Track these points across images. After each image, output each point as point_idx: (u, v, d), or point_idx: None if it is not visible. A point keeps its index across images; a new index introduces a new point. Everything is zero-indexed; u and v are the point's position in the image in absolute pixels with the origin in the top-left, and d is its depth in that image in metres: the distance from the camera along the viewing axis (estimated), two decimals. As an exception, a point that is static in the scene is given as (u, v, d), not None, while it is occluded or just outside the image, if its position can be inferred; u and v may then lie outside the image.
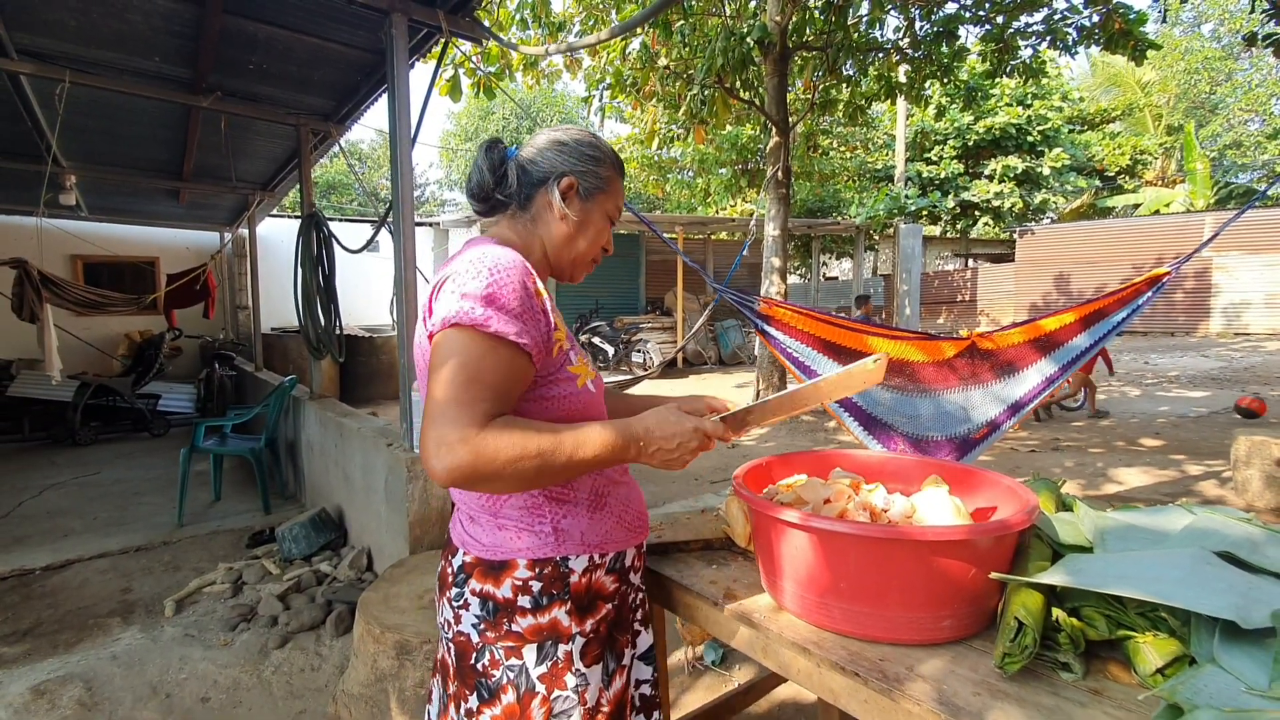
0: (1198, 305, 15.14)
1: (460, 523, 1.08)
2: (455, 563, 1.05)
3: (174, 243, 9.57)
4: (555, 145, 1.10)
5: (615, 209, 1.14)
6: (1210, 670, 0.74)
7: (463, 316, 0.91)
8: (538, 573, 1.00)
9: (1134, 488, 4.53)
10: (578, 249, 1.12)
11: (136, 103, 4.17)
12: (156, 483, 5.08)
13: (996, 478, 1.15)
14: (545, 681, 0.99)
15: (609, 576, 1.07)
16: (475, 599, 1.01)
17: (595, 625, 1.03)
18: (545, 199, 1.09)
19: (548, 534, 1.01)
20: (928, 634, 0.96)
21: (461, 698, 1.02)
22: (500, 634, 0.99)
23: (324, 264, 4.12)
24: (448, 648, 1.06)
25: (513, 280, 0.95)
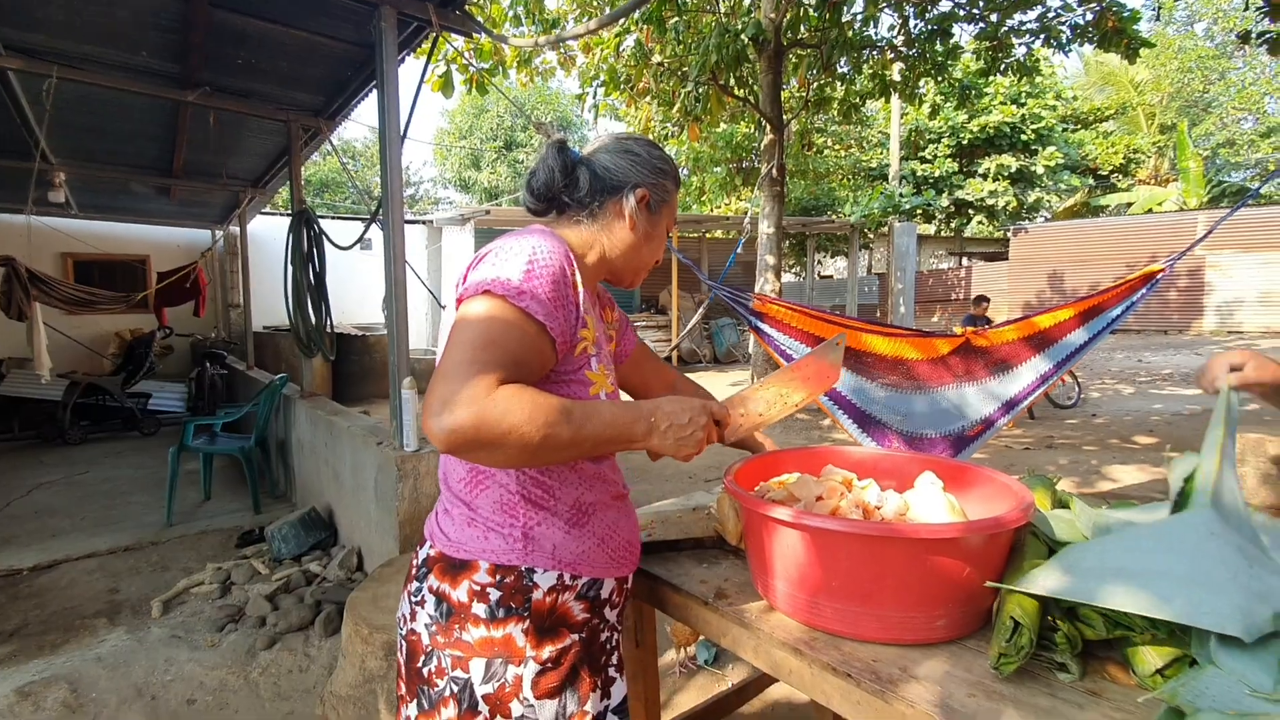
0: (1191, 303, 15.20)
1: (436, 514, 1.03)
2: (421, 555, 1.01)
3: (165, 240, 9.50)
4: (628, 155, 1.09)
5: (673, 222, 1.15)
6: (1212, 672, 0.72)
7: (495, 285, 0.89)
8: (498, 580, 0.93)
9: (1128, 485, 4.53)
10: (641, 258, 1.12)
11: (125, 98, 4.12)
12: (146, 482, 5.04)
13: (991, 474, 1.13)
14: (489, 703, 0.91)
15: (579, 603, 0.98)
16: (431, 596, 0.96)
17: (556, 655, 0.94)
18: (618, 207, 1.07)
19: (516, 539, 0.95)
20: (922, 634, 0.94)
21: (404, 702, 0.98)
22: (450, 640, 0.93)
23: (315, 261, 4.08)
24: (400, 644, 1.01)
25: (553, 266, 0.93)
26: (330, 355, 4.22)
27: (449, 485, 1.01)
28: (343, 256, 4.49)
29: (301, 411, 4.23)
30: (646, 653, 1.43)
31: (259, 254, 8.61)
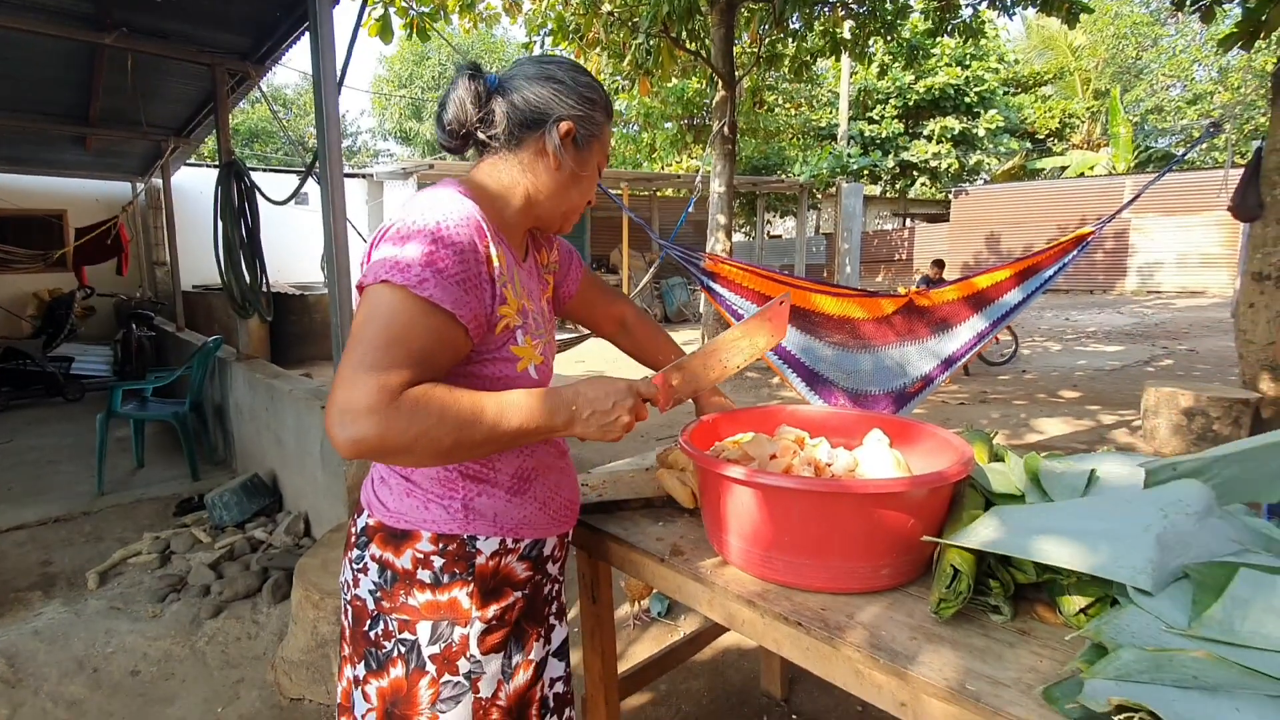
0: (1116, 264, 16.01)
1: (372, 481, 1.01)
2: (360, 523, 0.99)
3: (82, 194, 8.83)
4: (550, 82, 0.96)
5: (604, 159, 1.04)
6: (1132, 611, 0.78)
7: (395, 273, 0.81)
8: (441, 548, 0.93)
9: (1054, 436, 4.81)
10: (570, 200, 1.02)
11: (35, 41, 3.76)
12: (73, 450, 4.78)
13: (934, 430, 1.18)
14: (436, 663, 0.93)
15: (521, 564, 1.00)
16: (374, 564, 0.95)
17: (500, 612, 0.96)
18: (540, 144, 0.96)
19: (457, 510, 0.94)
20: (867, 582, 0.99)
21: (352, 663, 0.99)
22: (396, 605, 0.94)
23: (247, 217, 3.86)
24: (344, 607, 1.01)
25: (460, 240, 0.85)
26: (267, 316, 4.04)
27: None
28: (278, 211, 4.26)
29: (239, 375, 4.06)
30: (602, 608, 1.46)
31: (185, 208, 8.10)
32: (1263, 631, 0.73)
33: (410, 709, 0.93)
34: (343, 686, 1.02)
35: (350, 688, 0.99)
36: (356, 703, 0.97)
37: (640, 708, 2.03)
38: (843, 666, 0.92)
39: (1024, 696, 0.76)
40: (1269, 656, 0.69)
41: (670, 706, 2.04)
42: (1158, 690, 0.67)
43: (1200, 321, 10.77)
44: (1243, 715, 0.64)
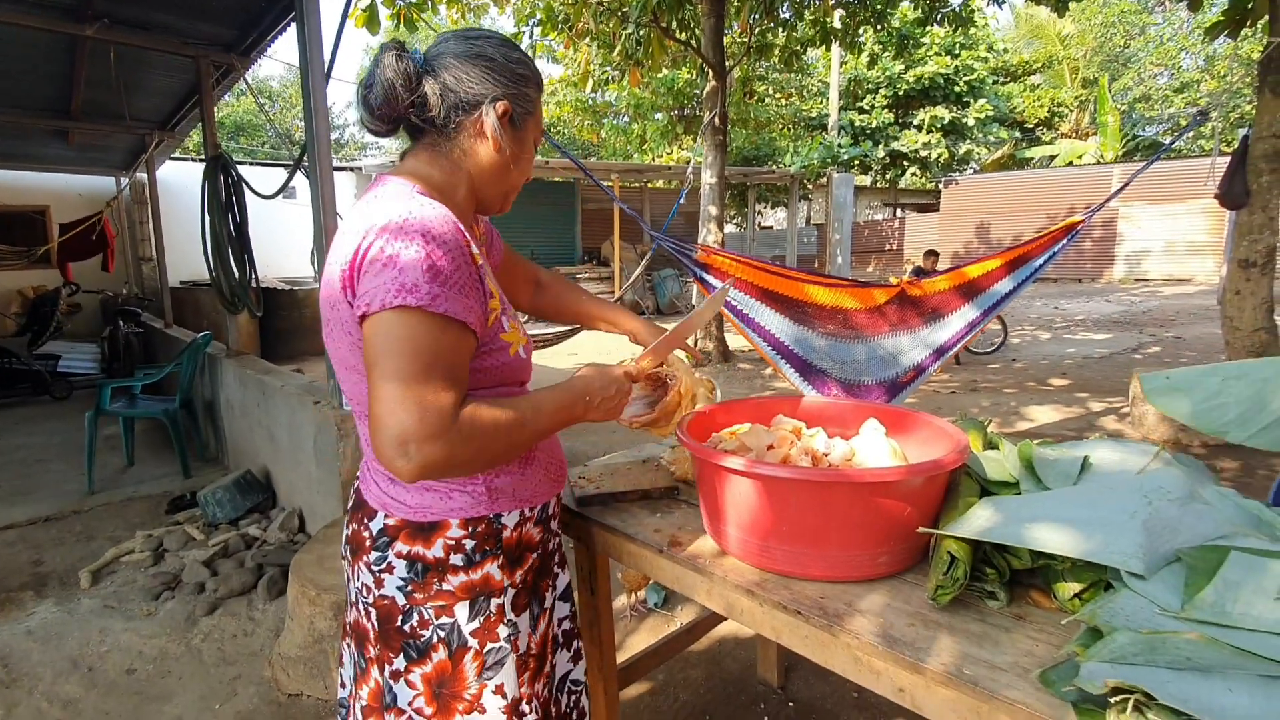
0: (1103, 253, 16.11)
1: (376, 484, 1.00)
2: (374, 526, 0.98)
3: (65, 189, 8.70)
4: (481, 60, 0.93)
5: (540, 134, 1.04)
6: (1126, 594, 0.79)
7: (405, 296, 0.80)
8: (471, 531, 0.97)
9: (1043, 424, 4.86)
10: (509, 181, 1.02)
11: (14, 32, 3.69)
12: (62, 449, 4.74)
13: (929, 419, 1.19)
14: (478, 636, 0.98)
15: (536, 527, 1.07)
16: (401, 561, 0.96)
17: (524, 575, 1.03)
18: (477, 126, 0.95)
19: (481, 494, 0.98)
20: (865, 571, 0.99)
21: (386, 660, 0.99)
22: (430, 594, 0.96)
23: (235, 211, 3.82)
24: (365, 612, 1.01)
25: (452, 249, 0.85)
26: (257, 311, 4.00)
27: None
28: (265, 206, 4.22)
29: (229, 371, 4.03)
30: (601, 599, 1.47)
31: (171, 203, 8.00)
32: (1253, 613, 0.74)
33: (458, 685, 0.97)
34: (370, 688, 1.02)
35: (382, 688, 1.00)
36: (400, 694, 0.98)
37: (639, 697, 2.04)
38: (841, 654, 0.93)
39: (1021, 680, 0.77)
40: (1259, 637, 0.71)
41: (668, 695, 2.05)
42: (1152, 672, 0.68)
43: (1187, 309, 10.87)
44: (1235, 695, 0.65)
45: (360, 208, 0.91)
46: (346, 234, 0.89)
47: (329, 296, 0.92)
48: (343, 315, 0.89)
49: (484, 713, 0.98)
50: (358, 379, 0.92)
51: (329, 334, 0.95)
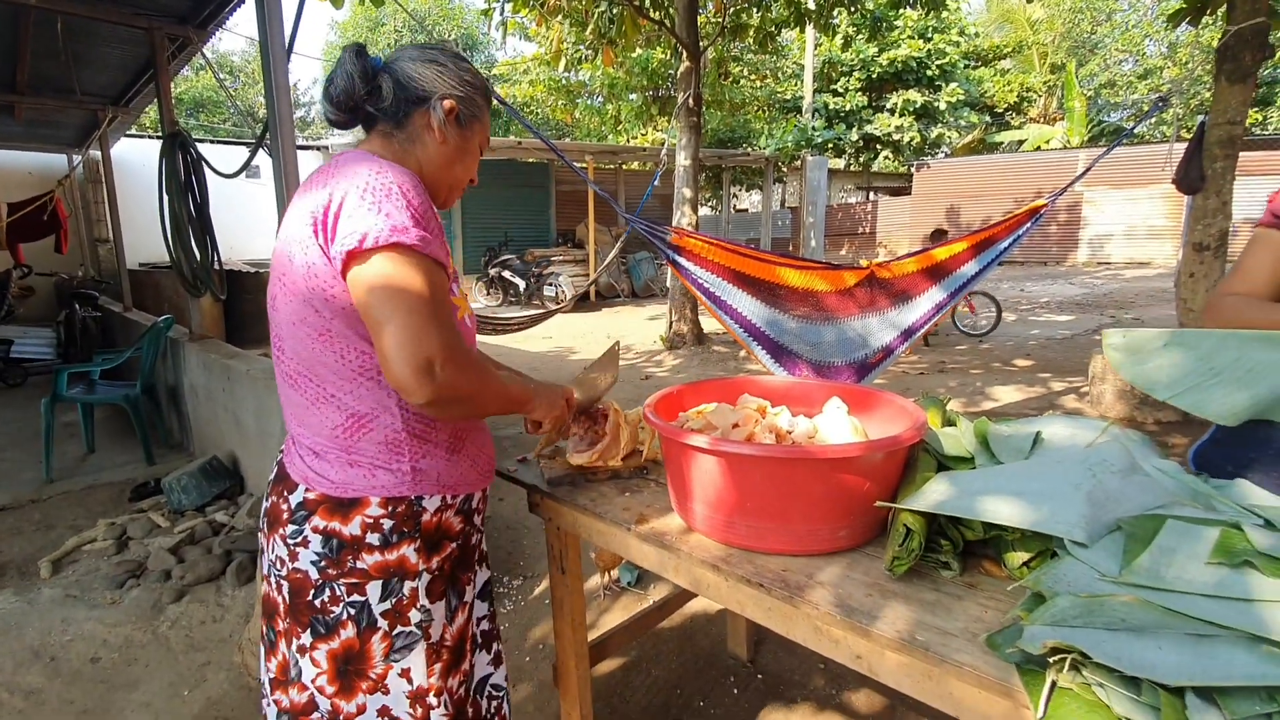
0: (1068, 237, 16.47)
1: (300, 457, 1.03)
2: (293, 499, 1.01)
3: (13, 166, 8.36)
4: (434, 64, 1.04)
5: (485, 140, 1.13)
6: (1069, 561, 0.83)
7: (401, 234, 0.88)
8: (390, 510, 0.99)
9: (1007, 403, 4.99)
10: (454, 175, 1.09)
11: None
12: (17, 436, 4.59)
13: (890, 397, 1.22)
14: (388, 618, 0.99)
15: (457, 517, 1.08)
16: (317, 536, 0.98)
17: (441, 563, 1.04)
18: (424, 119, 1.03)
19: (405, 473, 1.00)
20: (826, 544, 1.02)
21: (294, 634, 1.01)
22: (342, 571, 0.98)
23: (194, 191, 3.71)
24: (276, 585, 1.03)
25: (423, 200, 0.93)
26: (221, 294, 3.91)
27: (320, 432, 1.00)
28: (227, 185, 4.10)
29: (193, 355, 3.94)
30: (571, 578, 1.49)
31: (127, 182, 7.75)
32: (1185, 577, 0.78)
33: (365, 664, 0.99)
34: (278, 660, 1.05)
35: (288, 661, 1.03)
36: (304, 669, 1.01)
37: (611, 673, 2.08)
38: (803, 624, 0.96)
39: (970, 644, 0.80)
40: (1189, 599, 0.75)
41: (641, 671, 2.09)
42: (1089, 633, 0.72)
43: (1146, 291, 11.19)
44: (1164, 652, 0.69)
45: (323, 171, 0.96)
46: (313, 189, 0.93)
47: (286, 247, 0.95)
48: (306, 261, 0.92)
49: (387, 694, 1.00)
50: (306, 333, 0.95)
51: (281, 288, 0.96)
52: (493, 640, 1.22)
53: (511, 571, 2.75)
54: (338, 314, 0.94)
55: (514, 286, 11.25)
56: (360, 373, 0.97)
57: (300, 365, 0.98)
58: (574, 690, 1.55)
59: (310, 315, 0.94)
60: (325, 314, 0.94)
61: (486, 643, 1.20)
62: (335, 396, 0.98)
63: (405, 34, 24.45)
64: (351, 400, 0.98)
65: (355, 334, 0.95)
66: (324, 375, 0.97)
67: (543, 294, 11.14)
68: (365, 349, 0.96)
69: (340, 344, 0.95)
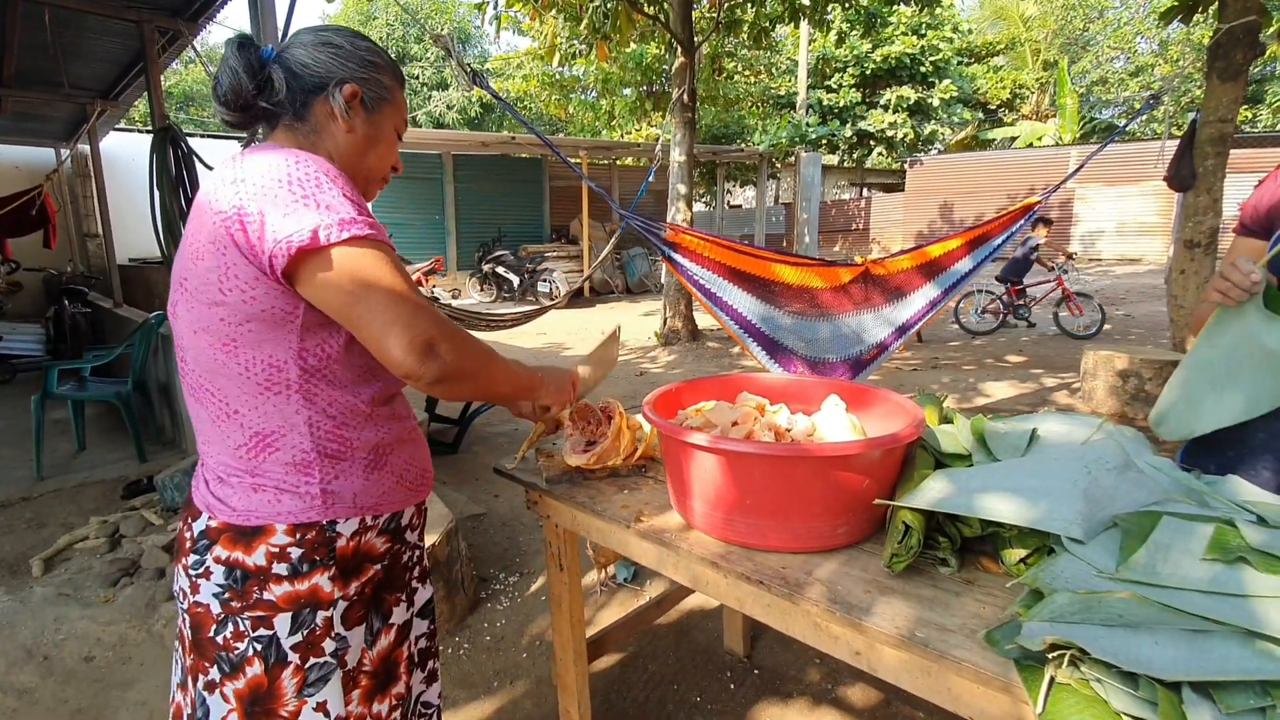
0: (1060, 233, 16.54)
1: (205, 482, 0.95)
2: (196, 527, 0.93)
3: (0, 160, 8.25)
4: (328, 48, 0.97)
5: (402, 123, 1.05)
6: (1066, 558, 0.83)
7: (353, 226, 0.83)
8: (298, 538, 0.91)
9: (1000, 399, 5.02)
10: (368, 164, 1.02)
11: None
12: (6, 434, 4.56)
13: (888, 395, 1.23)
14: (299, 650, 0.92)
15: (380, 538, 0.99)
16: (220, 567, 0.91)
17: (360, 588, 0.96)
18: (325, 108, 0.96)
19: (314, 496, 0.91)
20: (825, 541, 1.03)
21: (200, 670, 0.93)
22: (247, 603, 0.90)
23: (186, 185, 3.68)
24: (182, 618, 0.96)
25: (351, 184, 0.89)
26: (214, 290, 3.88)
27: (220, 455, 0.93)
28: (220, 181, 4.07)
29: (186, 352, 3.91)
30: (569, 575, 1.49)
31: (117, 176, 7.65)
32: (1180, 573, 0.79)
33: (275, 703, 0.92)
34: (189, 698, 0.97)
35: (203, 694, 0.94)
36: (213, 708, 0.93)
37: (609, 669, 2.08)
38: (802, 620, 0.96)
39: (968, 640, 0.81)
40: (1184, 595, 0.76)
41: (638, 667, 2.10)
42: (1087, 629, 0.72)
43: (1136, 288, 11.26)
44: (1160, 647, 0.70)
45: (230, 165, 0.87)
46: (222, 185, 0.85)
47: (193, 249, 0.86)
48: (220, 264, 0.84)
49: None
50: (208, 342, 0.88)
51: (184, 294, 0.89)
52: (429, 658, 1.14)
53: (508, 568, 2.75)
54: (252, 319, 0.86)
55: (508, 282, 11.22)
56: (265, 386, 0.89)
57: (202, 377, 0.91)
58: (573, 686, 1.55)
59: (215, 322, 0.87)
60: (233, 320, 0.86)
61: (423, 660, 1.13)
62: (238, 412, 0.90)
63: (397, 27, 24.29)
64: (255, 417, 0.90)
65: (264, 341, 0.87)
66: (226, 389, 0.90)
67: (537, 290, 11.12)
68: (273, 359, 0.88)
69: (246, 354, 0.88)
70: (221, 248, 0.84)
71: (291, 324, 0.87)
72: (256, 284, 0.84)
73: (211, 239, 0.84)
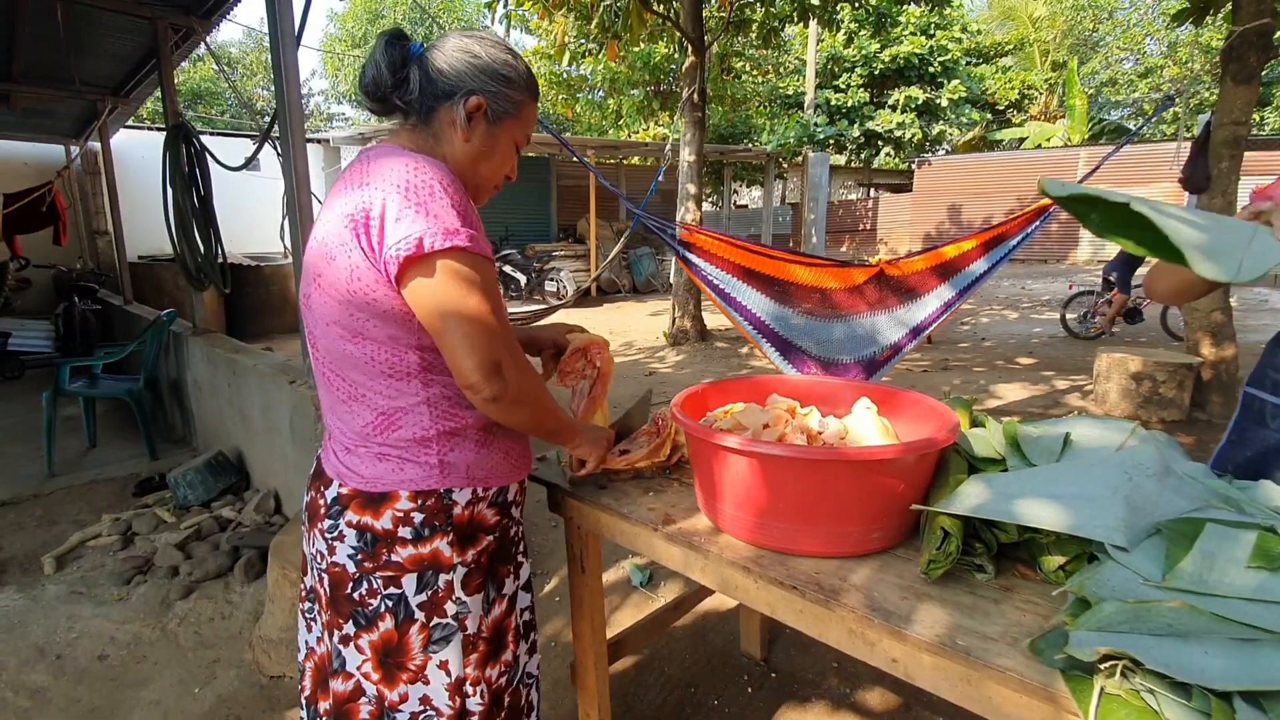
0: (1069, 235, 16.48)
1: (335, 453, 1.05)
2: (329, 494, 1.02)
3: (9, 157, 8.28)
4: (467, 57, 1.00)
5: (524, 136, 1.08)
6: (1111, 566, 0.82)
7: (456, 237, 0.88)
8: (420, 504, 0.99)
9: (1011, 401, 4.99)
10: (480, 174, 1.05)
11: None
12: (16, 430, 4.57)
13: (919, 398, 1.21)
14: (424, 609, 1.00)
15: (490, 510, 1.07)
16: (352, 530, 0.99)
17: (476, 556, 1.04)
18: (449, 116, 1.00)
19: (433, 466, 0.99)
20: (859, 546, 1.02)
21: (336, 625, 1.02)
22: (379, 564, 0.99)
23: (198, 184, 3.69)
24: (319, 578, 1.05)
25: (463, 194, 0.93)
26: (225, 288, 3.88)
27: (352, 428, 1.02)
28: (228, 179, 4.07)
29: (196, 349, 3.92)
30: (591, 578, 1.48)
31: (127, 174, 7.69)
32: (1226, 580, 0.78)
33: (404, 656, 1.00)
34: (321, 651, 1.07)
35: (330, 652, 1.04)
36: (349, 659, 1.02)
37: (626, 671, 2.07)
38: (836, 627, 0.95)
39: (1012, 649, 0.79)
40: (1233, 603, 0.74)
41: (655, 670, 2.09)
42: (1137, 639, 0.71)
43: (1146, 290, 11.19)
44: (1210, 657, 0.68)
45: (357, 167, 0.95)
46: (350, 189, 0.92)
47: (324, 248, 0.94)
48: (348, 265, 0.92)
49: (428, 684, 1.01)
50: (338, 334, 0.96)
51: (317, 289, 0.96)
52: (531, 630, 1.23)
53: (520, 568, 2.74)
54: (376, 317, 0.93)
55: (515, 281, 11.21)
56: (389, 373, 0.97)
57: (332, 364, 0.99)
58: (592, 689, 1.54)
59: (345, 317, 0.94)
60: (361, 316, 0.94)
61: (526, 632, 1.20)
62: (365, 396, 0.99)
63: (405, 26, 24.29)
64: (380, 399, 0.98)
65: (389, 337, 0.95)
66: (353, 376, 0.98)
67: (544, 289, 11.11)
68: (397, 351, 0.96)
69: (372, 347, 0.95)
70: (349, 249, 0.91)
71: (412, 320, 0.93)
72: (378, 285, 0.91)
73: (340, 240, 0.91)
